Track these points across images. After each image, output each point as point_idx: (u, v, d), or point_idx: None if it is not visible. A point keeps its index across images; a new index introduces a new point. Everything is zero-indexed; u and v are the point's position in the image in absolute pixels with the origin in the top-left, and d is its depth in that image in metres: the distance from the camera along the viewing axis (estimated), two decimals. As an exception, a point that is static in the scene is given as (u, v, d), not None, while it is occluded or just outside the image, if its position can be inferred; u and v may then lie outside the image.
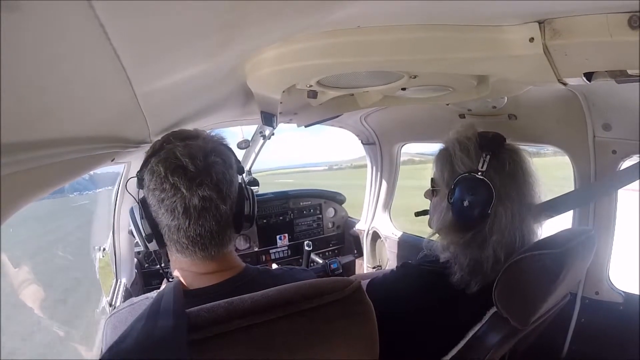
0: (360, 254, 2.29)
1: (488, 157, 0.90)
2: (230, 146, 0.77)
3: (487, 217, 0.88)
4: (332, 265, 1.87)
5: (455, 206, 0.92)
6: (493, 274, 0.86)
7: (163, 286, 0.68)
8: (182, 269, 0.72)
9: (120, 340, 0.49)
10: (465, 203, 0.90)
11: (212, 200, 0.67)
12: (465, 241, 0.91)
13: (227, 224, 0.71)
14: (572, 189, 1.28)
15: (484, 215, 0.88)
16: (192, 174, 0.65)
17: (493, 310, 0.85)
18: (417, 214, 1.12)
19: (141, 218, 0.70)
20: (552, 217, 0.98)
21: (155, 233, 0.70)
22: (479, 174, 0.89)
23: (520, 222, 0.89)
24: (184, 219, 0.66)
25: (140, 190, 0.72)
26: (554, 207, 1.09)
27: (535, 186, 0.92)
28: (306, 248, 1.88)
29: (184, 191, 0.65)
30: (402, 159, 2.15)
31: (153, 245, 0.71)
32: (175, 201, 0.65)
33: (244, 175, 2.25)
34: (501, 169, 0.89)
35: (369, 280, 1.05)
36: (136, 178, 0.71)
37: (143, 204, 0.70)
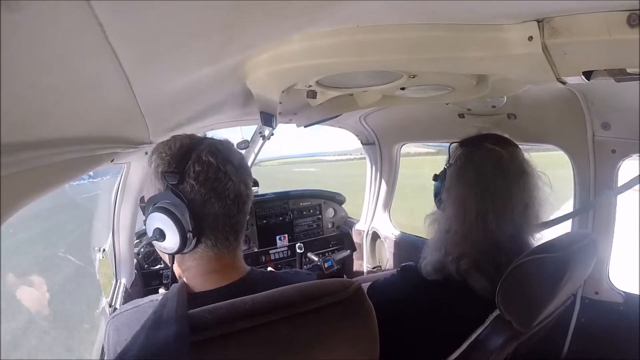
0: (354, 249, 2.30)
1: (458, 153, 0.96)
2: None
3: (441, 208, 0.96)
4: (326, 264, 1.90)
5: None
6: (453, 272, 0.88)
7: (162, 290, 0.68)
8: (193, 267, 0.71)
9: (124, 352, 0.49)
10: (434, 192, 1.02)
11: (249, 189, 0.73)
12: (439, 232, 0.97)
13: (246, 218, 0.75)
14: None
15: (439, 205, 0.96)
16: (236, 165, 0.71)
17: (496, 313, 0.85)
18: None
19: (185, 213, 0.67)
20: (546, 228, 0.97)
21: (199, 226, 0.68)
22: (445, 166, 0.98)
23: (466, 222, 0.88)
24: (234, 206, 0.69)
25: (172, 185, 0.68)
26: (553, 222, 1.09)
27: (499, 189, 0.89)
28: (298, 250, 1.92)
29: (234, 179, 0.69)
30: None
31: (191, 243, 0.68)
32: (228, 188, 0.68)
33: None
34: (454, 164, 0.95)
35: (369, 283, 1.04)
36: (173, 174, 0.68)
37: (186, 198, 0.67)
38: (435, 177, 1.03)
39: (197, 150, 0.69)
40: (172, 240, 0.68)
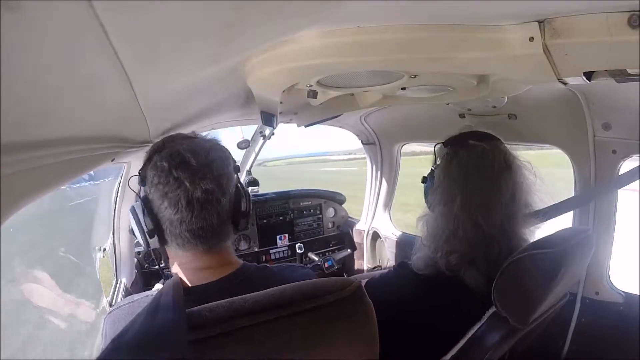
0: (354, 248, 2.30)
1: (443, 153, 0.97)
2: (227, 146, 0.80)
3: (430, 208, 0.97)
4: (326, 263, 1.91)
5: None
6: (443, 267, 0.89)
7: (159, 286, 0.69)
8: (182, 264, 0.73)
9: (122, 334, 0.49)
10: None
11: (214, 193, 0.69)
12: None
13: (226, 217, 0.73)
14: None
15: (429, 205, 0.98)
16: (194, 168, 0.68)
17: (492, 309, 0.85)
18: None
19: (143, 215, 0.70)
20: (542, 222, 0.97)
21: (157, 229, 0.70)
22: (432, 167, 1.00)
23: (454, 218, 0.89)
24: (187, 211, 0.68)
25: (142, 187, 0.73)
26: (548, 213, 1.08)
27: (483, 183, 0.89)
28: (298, 251, 1.96)
29: (187, 184, 0.67)
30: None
31: (154, 242, 0.71)
32: (179, 194, 0.67)
33: (244, 174, 2.24)
34: (440, 164, 0.97)
35: (366, 280, 1.05)
36: (138, 176, 0.72)
37: (145, 200, 0.71)
38: (424, 179, 1.05)
39: (158, 154, 0.70)
40: (139, 238, 0.73)
